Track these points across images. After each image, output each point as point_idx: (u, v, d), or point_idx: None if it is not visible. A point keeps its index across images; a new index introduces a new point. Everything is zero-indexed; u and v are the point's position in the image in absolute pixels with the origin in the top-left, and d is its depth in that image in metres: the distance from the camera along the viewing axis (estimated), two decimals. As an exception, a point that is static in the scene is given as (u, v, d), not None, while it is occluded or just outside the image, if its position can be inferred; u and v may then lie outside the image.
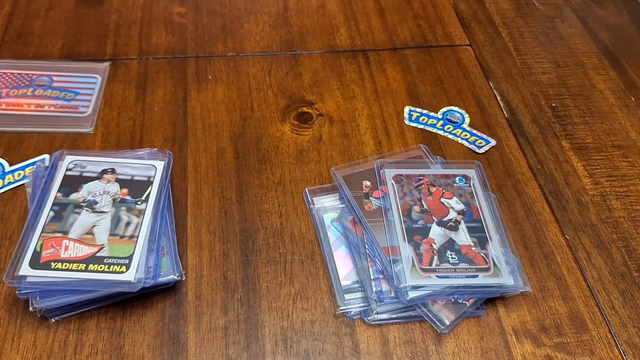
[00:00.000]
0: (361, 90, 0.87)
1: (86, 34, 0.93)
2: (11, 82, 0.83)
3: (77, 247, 0.61)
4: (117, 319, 0.62)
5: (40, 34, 0.92)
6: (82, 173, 0.68)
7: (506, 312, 0.65)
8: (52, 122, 0.79)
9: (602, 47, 0.99)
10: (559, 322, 0.64)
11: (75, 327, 0.61)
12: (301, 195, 0.73)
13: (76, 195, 0.66)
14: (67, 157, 0.69)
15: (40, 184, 0.67)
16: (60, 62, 0.87)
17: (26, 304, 0.61)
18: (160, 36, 0.93)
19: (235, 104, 0.84)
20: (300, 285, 0.65)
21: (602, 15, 1.05)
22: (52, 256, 0.60)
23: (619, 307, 0.66)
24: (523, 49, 0.97)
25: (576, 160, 0.80)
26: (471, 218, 0.69)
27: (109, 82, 0.85)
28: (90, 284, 0.59)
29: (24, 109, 0.80)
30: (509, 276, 0.64)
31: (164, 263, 0.63)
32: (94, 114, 0.80)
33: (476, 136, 0.82)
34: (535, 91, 0.90)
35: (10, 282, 0.59)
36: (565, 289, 0.67)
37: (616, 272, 0.69)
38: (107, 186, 0.67)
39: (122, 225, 0.64)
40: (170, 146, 0.77)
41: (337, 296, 0.64)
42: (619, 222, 0.74)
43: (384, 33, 0.97)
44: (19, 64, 0.86)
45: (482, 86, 0.90)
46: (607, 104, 0.89)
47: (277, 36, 0.95)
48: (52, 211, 0.64)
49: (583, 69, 0.94)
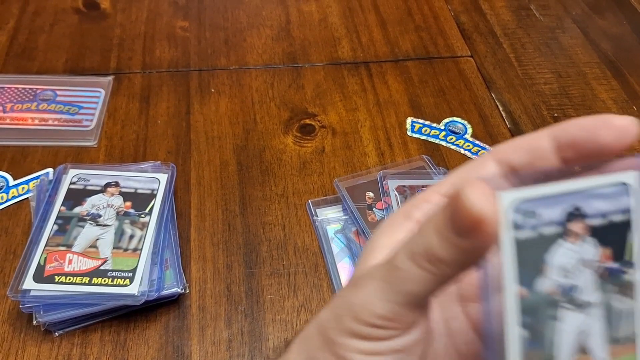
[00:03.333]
0: (363, 101, 0.87)
1: (90, 48, 0.93)
2: (15, 97, 0.83)
3: (81, 261, 0.61)
4: (120, 332, 0.62)
5: (44, 48, 0.93)
6: (86, 186, 0.68)
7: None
8: (56, 136, 0.79)
9: (604, 57, 0.99)
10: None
11: (79, 340, 0.61)
12: (304, 207, 0.73)
13: (80, 208, 0.66)
14: (70, 170, 0.69)
15: (44, 198, 0.67)
16: (64, 77, 0.88)
17: (30, 317, 0.61)
18: (163, 50, 0.94)
19: (238, 117, 0.84)
20: (304, 297, 0.65)
21: (603, 26, 1.05)
22: (56, 270, 0.60)
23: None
24: (524, 60, 0.97)
25: (579, 170, 0.80)
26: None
27: (113, 96, 0.86)
28: (94, 298, 0.59)
29: (28, 123, 0.80)
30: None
31: (168, 276, 0.63)
32: (98, 128, 0.81)
33: (479, 147, 0.82)
34: (537, 101, 0.90)
35: (14, 296, 0.59)
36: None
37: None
38: (111, 199, 0.67)
39: (126, 238, 0.64)
40: (173, 159, 0.78)
41: (341, 308, 0.64)
42: (623, 231, 0.74)
43: (386, 45, 0.97)
44: (23, 78, 0.86)
45: (484, 97, 0.90)
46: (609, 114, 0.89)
47: (279, 49, 0.96)
48: (56, 225, 0.64)
49: (585, 79, 0.95)
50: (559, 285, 0.29)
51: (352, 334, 0.30)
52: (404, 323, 0.29)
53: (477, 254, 0.26)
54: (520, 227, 0.27)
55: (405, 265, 0.28)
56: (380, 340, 0.29)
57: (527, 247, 0.28)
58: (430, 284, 0.28)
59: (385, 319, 0.29)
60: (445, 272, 0.27)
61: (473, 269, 0.28)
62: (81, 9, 1.01)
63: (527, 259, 0.27)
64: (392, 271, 0.29)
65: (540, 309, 0.28)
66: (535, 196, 0.28)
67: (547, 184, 0.28)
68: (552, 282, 0.28)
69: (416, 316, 0.29)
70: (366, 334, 0.29)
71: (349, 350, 0.30)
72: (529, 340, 0.28)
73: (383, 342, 0.29)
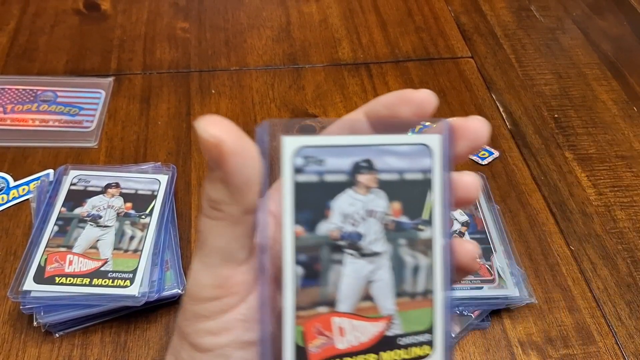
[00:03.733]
0: (364, 102, 0.86)
1: (90, 49, 0.93)
2: (16, 98, 0.83)
3: (82, 262, 0.61)
4: (121, 333, 0.61)
5: (45, 50, 0.93)
6: (86, 187, 0.68)
7: (512, 324, 0.64)
8: (56, 137, 0.79)
9: (604, 58, 0.99)
10: (565, 334, 0.64)
11: (79, 341, 0.61)
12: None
13: (80, 209, 0.66)
14: (71, 171, 0.69)
15: (44, 199, 0.67)
16: (64, 78, 0.88)
17: (30, 318, 0.60)
18: (163, 51, 0.94)
19: (238, 118, 0.84)
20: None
21: (603, 27, 1.05)
22: (56, 271, 0.60)
23: (625, 318, 0.66)
24: (525, 61, 0.97)
25: (580, 171, 0.80)
26: (475, 229, 0.68)
27: (113, 97, 0.86)
28: (95, 299, 0.59)
29: (28, 124, 0.80)
30: (514, 287, 0.63)
31: (168, 277, 0.63)
32: (98, 129, 0.80)
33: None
34: (537, 102, 0.90)
35: (14, 297, 0.58)
36: (571, 300, 0.67)
37: (622, 283, 0.68)
38: (111, 200, 0.67)
39: (126, 239, 0.64)
40: (174, 160, 0.77)
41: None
42: (624, 232, 0.74)
43: (386, 46, 0.97)
44: (23, 79, 0.86)
45: (484, 98, 0.90)
46: (610, 114, 0.89)
47: (279, 50, 0.96)
48: (56, 226, 0.64)
49: (585, 80, 0.95)
50: (342, 230, 0.30)
51: (195, 317, 0.30)
52: (234, 286, 0.29)
53: (242, 188, 0.27)
54: (302, 171, 0.29)
55: (201, 223, 0.29)
56: (222, 314, 0.29)
57: (310, 190, 0.29)
58: (226, 232, 0.28)
59: (212, 287, 0.29)
60: (230, 212, 0.28)
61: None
62: (82, 10, 1.01)
63: (308, 202, 0.29)
64: (198, 236, 0.30)
65: (320, 251, 0.29)
66: (322, 144, 0.29)
67: (340, 136, 0.31)
68: (335, 226, 0.29)
69: (243, 276, 0.29)
70: (207, 312, 0.29)
71: (198, 336, 0.30)
72: (304, 278, 0.29)
73: (225, 315, 0.29)
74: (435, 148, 0.31)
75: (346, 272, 0.30)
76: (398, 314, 0.31)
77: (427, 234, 0.31)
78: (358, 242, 0.30)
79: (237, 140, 0.27)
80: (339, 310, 0.30)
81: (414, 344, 0.31)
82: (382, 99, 0.32)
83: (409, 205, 0.31)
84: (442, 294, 0.31)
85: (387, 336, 0.30)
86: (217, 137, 0.26)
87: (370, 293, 0.30)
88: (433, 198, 0.31)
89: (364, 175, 0.30)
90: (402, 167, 0.30)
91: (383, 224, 0.30)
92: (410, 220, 0.31)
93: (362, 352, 0.30)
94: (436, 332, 0.31)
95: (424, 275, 0.31)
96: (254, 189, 0.28)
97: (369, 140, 0.30)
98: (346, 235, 0.30)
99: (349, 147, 0.30)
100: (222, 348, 0.29)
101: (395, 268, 0.31)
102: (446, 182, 0.31)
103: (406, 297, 0.31)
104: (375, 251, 0.30)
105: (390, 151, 0.30)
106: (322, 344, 0.29)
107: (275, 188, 0.31)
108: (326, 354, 0.29)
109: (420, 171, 0.31)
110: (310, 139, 0.29)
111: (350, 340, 0.30)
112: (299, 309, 0.29)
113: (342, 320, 0.30)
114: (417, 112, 0.31)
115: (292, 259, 0.29)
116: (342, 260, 0.30)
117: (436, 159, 0.31)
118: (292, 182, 0.29)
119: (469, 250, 0.32)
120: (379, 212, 0.30)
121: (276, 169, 0.29)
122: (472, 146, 0.31)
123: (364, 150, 0.30)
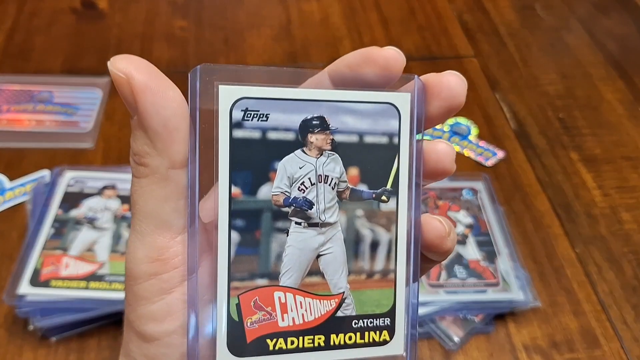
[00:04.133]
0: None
1: (87, 49, 0.92)
2: (12, 98, 0.82)
3: (78, 265, 0.60)
4: (118, 337, 0.60)
5: (41, 49, 0.92)
6: (83, 189, 0.67)
7: (516, 328, 0.63)
8: (52, 138, 0.78)
9: (609, 58, 0.98)
10: (570, 338, 0.63)
11: (75, 346, 0.60)
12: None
13: (77, 211, 0.65)
14: (67, 173, 0.69)
15: (40, 201, 0.66)
16: (61, 77, 0.87)
17: (26, 322, 0.59)
18: (162, 50, 0.93)
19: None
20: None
21: (608, 26, 1.04)
22: (52, 274, 0.59)
23: (630, 321, 0.64)
24: (529, 60, 0.96)
25: (585, 172, 0.79)
26: (479, 232, 0.67)
27: (110, 97, 0.85)
28: (91, 303, 0.58)
29: (24, 125, 0.79)
30: (518, 291, 0.62)
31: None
32: (95, 130, 0.79)
33: (483, 148, 0.81)
34: (542, 102, 0.89)
35: (10, 301, 0.58)
36: (576, 304, 0.65)
37: (628, 286, 0.67)
38: (108, 202, 0.66)
39: (123, 242, 0.63)
40: (172, 161, 0.76)
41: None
42: (630, 234, 0.72)
43: (388, 45, 0.96)
44: (20, 79, 0.85)
45: (488, 98, 0.89)
46: (615, 115, 0.88)
47: (279, 49, 0.94)
48: (52, 228, 0.63)
49: (590, 80, 0.93)
50: (288, 196, 0.27)
51: (136, 300, 0.27)
52: (172, 260, 0.27)
53: (162, 133, 0.25)
54: (242, 125, 0.26)
55: (131, 187, 0.27)
56: (163, 294, 0.27)
57: (250, 148, 0.26)
58: (154, 191, 0.26)
59: (148, 260, 0.26)
60: (155, 166, 0.26)
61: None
62: (78, 9, 1.00)
63: (248, 161, 0.26)
64: (130, 204, 0.27)
65: (261, 217, 0.26)
66: (267, 96, 0.26)
67: (289, 88, 0.27)
68: (279, 190, 0.27)
69: (181, 248, 0.27)
70: (146, 292, 0.27)
71: (142, 323, 0.27)
72: (240, 245, 0.26)
73: (167, 296, 0.27)
74: (404, 108, 0.27)
75: (291, 242, 0.27)
76: (351, 293, 0.28)
77: (390, 205, 0.28)
78: (306, 210, 0.27)
79: (148, 76, 0.25)
80: (282, 284, 0.27)
81: (370, 328, 0.28)
82: (345, 58, 0.28)
83: (369, 172, 0.27)
84: (406, 274, 0.28)
85: (338, 317, 0.27)
86: (126, 72, 0.25)
87: (321, 268, 0.27)
88: (399, 166, 0.28)
89: (316, 134, 0.27)
90: (363, 128, 0.27)
91: (337, 192, 0.27)
92: (370, 190, 0.27)
93: (308, 332, 0.27)
94: (397, 317, 0.28)
95: (384, 252, 0.28)
96: (177, 136, 0.25)
97: (324, 95, 0.27)
98: (292, 202, 0.27)
99: (300, 101, 0.26)
100: (168, 336, 0.27)
101: (349, 242, 0.28)
102: (416, 148, 0.28)
103: (362, 275, 0.28)
104: (326, 221, 0.27)
105: (350, 109, 0.27)
106: (261, 319, 0.26)
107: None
108: (265, 331, 0.26)
109: (384, 134, 0.27)
110: (252, 90, 0.26)
111: (294, 318, 0.27)
112: (234, 279, 0.26)
113: (285, 296, 0.27)
114: (382, 74, 0.27)
115: (227, 223, 0.26)
116: (287, 229, 0.27)
117: (405, 121, 0.27)
118: (229, 138, 0.25)
119: (436, 227, 0.28)
120: (333, 178, 0.27)
121: (211, 125, 0.26)
122: (447, 106, 0.28)
123: (317, 106, 0.26)
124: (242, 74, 0.27)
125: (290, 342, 0.27)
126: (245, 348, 0.26)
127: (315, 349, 0.27)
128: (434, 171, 0.29)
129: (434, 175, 0.29)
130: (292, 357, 0.27)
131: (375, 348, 0.28)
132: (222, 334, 0.26)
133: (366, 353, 0.28)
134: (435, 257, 0.29)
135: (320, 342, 0.27)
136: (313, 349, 0.27)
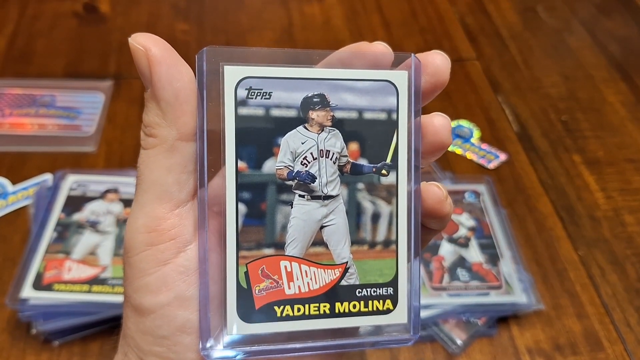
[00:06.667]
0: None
1: (89, 52, 0.92)
2: (14, 102, 0.82)
3: (80, 269, 0.60)
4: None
5: (43, 53, 0.92)
6: (85, 193, 0.67)
7: (519, 331, 0.63)
8: (55, 141, 0.78)
9: (612, 60, 0.97)
10: (574, 340, 0.63)
11: (78, 350, 0.60)
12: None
13: (79, 215, 0.65)
14: (69, 177, 0.68)
15: (43, 205, 0.66)
16: (63, 81, 0.87)
17: (29, 326, 0.59)
18: (164, 53, 0.93)
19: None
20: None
21: (611, 28, 1.04)
22: (55, 278, 0.59)
23: (634, 324, 0.64)
24: (531, 62, 0.96)
25: (588, 175, 0.79)
26: (482, 234, 0.67)
27: (112, 101, 0.85)
28: (94, 306, 0.58)
29: (27, 129, 0.79)
30: (521, 294, 0.62)
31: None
32: (97, 133, 0.79)
33: (485, 151, 0.81)
34: (544, 105, 0.89)
35: (12, 305, 0.58)
36: (579, 307, 0.65)
37: (631, 289, 0.67)
38: (110, 206, 0.66)
39: (126, 245, 0.63)
40: (174, 164, 0.76)
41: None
42: (633, 236, 0.72)
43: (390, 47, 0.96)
44: (22, 83, 0.85)
45: (490, 100, 0.89)
46: (618, 117, 0.88)
47: (282, 52, 0.94)
48: (55, 232, 0.63)
49: (593, 82, 0.93)
50: (291, 170, 0.28)
51: (132, 273, 0.28)
52: (168, 231, 0.28)
53: (173, 104, 0.27)
54: (246, 103, 0.27)
55: (139, 158, 0.28)
56: (159, 265, 0.28)
57: (255, 125, 0.27)
58: (160, 161, 0.27)
59: (145, 230, 0.28)
60: (164, 136, 0.27)
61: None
62: (80, 12, 1.00)
63: (253, 137, 0.27)
64: (136, 176, 0.28)
65: (266, 190, 0.28)
66: (270, 75, 0.28)
67: (290, 67, 0.28)
68: (283, 165, 0.28)
69: (178, 220, 0.28)
70: (143, 264, 0.28)
71: (138, 295, 0.28)
72: (247, 216, 0.28)
73: (163, 267, 0.28)
74: (402, 86, 0.29)
75: (295, 214, 0.28)
76: (355, 263, 0.29)
77: (390, 179, 0.29)
78: (309, 183, 0.28)
79: (164, 50, 0.27)
80: (287, 253, 0.28)
81: (373, 297, 0.29)
82: (337, 54, 0.30)
83: (369, 147, 0.29)
84: (407, 245, 0.29)
85: (343, 286, 0.29)
86: (145, 45, 0.27)
87: (324, 239, 0.29)
88: (398, 140, 0.29)
89: (317, 111, 0.28)
90: (362, 105, 0.29)
91: (338, 166, 0.29)
92: (371, 164, 0.29)
93: (313, 300, 0.28)
94: (400, 286, 0.29)
95: (385, 223, 0.29)
96: (186, 108, 0.27)
97: (324, 74, 0.28)
98: (296, 175, 0.28)
99: (301, 80, 0.28)
100: (163, 308, 0.28)
101: (351, 214, 0.29)
102: (414, 123, 0.29)
103: (364, 245, 0.29)
104: (329, 194, 0.29)
105: (349, 87, 0.29)
106: (268, 287, 0.28)
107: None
108: (272, 298, 0.28)
109: (383, 110, 0.29)
110: (255, 69, 0.27)
111: (300, 286, 0.28)
112: (242, 248, 0.27)
113: (291, 265, 0.28)
114: (373, 67, 0.29)
115: (234, 195, 0.27)
116: (291, 202, 0.28)
117: (403, 97, 0.29)
118: (235, 115, 0.27)
119: (434, 192, 0.30)
120: (334, 153, 0.29)
121: (217, 103, 0.27)
122: (433, 82, 0.30)
123: (317, 84, 0.28)
124: (245, 55, 0.28)
125: (296, 310, 0.28)
126: (254, 314, 0.28)
127: (321, 316, 0.28)
128: (432, 144, 0.30)
129: (432, 149, 0.30)
130: (298, 323, 0.28)
131: (379, 316, 0.29)
132: (232, 300, 0.27)
133: (370, 321, 0.29)
134: (435, 224, 0.31)
135: (325, 310, 0.28)
136: (319, 316, 0.28)
